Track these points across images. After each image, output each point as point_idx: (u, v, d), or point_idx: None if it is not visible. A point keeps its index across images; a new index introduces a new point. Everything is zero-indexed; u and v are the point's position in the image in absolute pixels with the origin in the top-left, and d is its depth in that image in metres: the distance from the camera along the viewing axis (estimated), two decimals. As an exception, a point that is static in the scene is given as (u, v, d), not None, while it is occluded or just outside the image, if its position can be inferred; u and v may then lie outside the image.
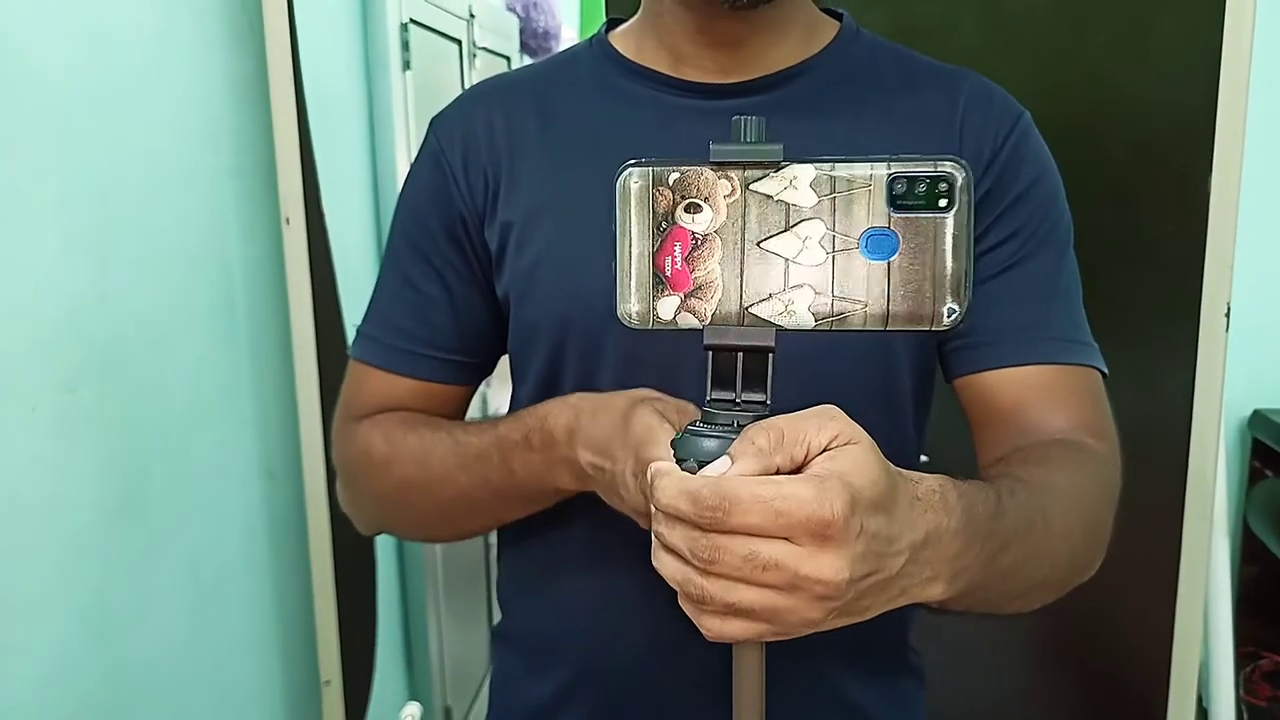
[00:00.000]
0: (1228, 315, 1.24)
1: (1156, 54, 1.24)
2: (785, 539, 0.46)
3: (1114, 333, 0.80)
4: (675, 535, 0.47)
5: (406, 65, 1.98)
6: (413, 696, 2.15)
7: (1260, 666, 2.00)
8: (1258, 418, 2.08)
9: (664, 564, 0.49)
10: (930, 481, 0.53)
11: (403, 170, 1.97)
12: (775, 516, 0.45)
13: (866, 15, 0.86)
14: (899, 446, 0.80)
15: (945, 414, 0.84)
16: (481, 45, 2.57)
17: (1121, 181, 1.27)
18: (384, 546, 1.84)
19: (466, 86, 2.44)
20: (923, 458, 0.85)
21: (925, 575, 0.52)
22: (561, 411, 0.71)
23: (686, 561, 0.47)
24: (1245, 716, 1.93)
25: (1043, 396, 0.74)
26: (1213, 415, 1.27)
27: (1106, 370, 0.78)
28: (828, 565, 0.46)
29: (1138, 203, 1.27)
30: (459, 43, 2.42)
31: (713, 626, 0.48)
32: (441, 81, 2.28)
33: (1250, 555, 2.08)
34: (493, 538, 2.82)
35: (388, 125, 1.95)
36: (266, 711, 1.52)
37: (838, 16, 0.83)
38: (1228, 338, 1.25)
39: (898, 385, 0.79)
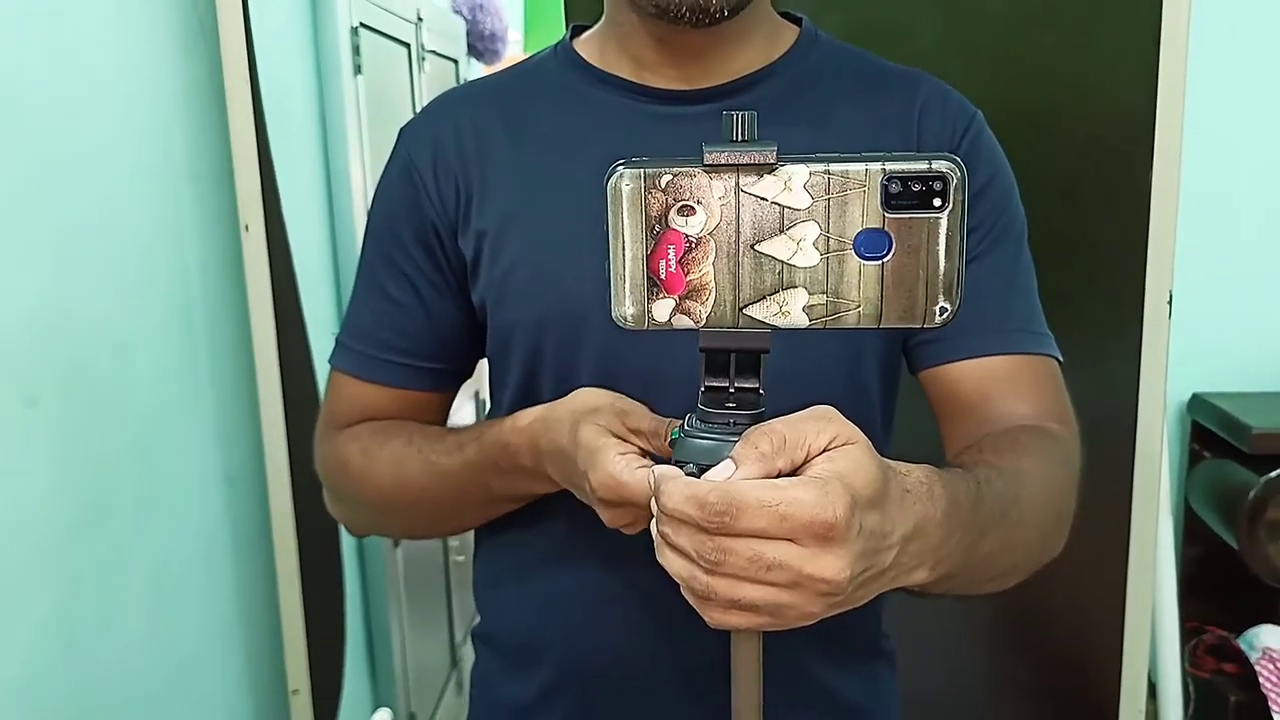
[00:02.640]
0: (1170, 303, 1.29)
1: (1100, 54, 1.29)
2: (789, 540, 0.47)
3: (1061, 321, 0.83)
4: (681, 538, 0.49)
5: (358, 69, 1.97)
6: (378, 704, 2.14)
7: (1204, 641, 2.07)
8: (1196, 401, 2.15)
9: (669, 561, 0.50)
10: (918, 473, 0.55)
11: (356, 174, 1.96)
12: (780, 520, 0.46)
13: (822, 18, 0.87)
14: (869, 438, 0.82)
15: (902, 404, 0.87)
16: (430, 49, 2.55)
17: (1068, 176, 1.31)
18: (345, 554, 1.83)
19: (416, 90, 2.42)
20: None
21: (913, 564, 0.54)
22: (518, 437, 0.72)
23: (692, 560, 0.49)
24: (1191, 688, 1.99)
25: (1006, 386, 0.76)
26: (1158, 400, 1.31)
27: (1061, 358, 0.81)
28: (830, 565, 0.47)
29: (1084, 196, 1.32)
30: (408, 46, 2.41)
31: (715, 617, 0.50)
32: (391, 85, 2.27)
33: (1192, 535, 2.14)
34: (453, 541, 2.78)
35: (340, 129, 1.94)
36: (235, 723, 1.50)
37: (797, 21, 0.85)
38: (1170, 324, 1.29)
39: (865, 380, 0.81)
